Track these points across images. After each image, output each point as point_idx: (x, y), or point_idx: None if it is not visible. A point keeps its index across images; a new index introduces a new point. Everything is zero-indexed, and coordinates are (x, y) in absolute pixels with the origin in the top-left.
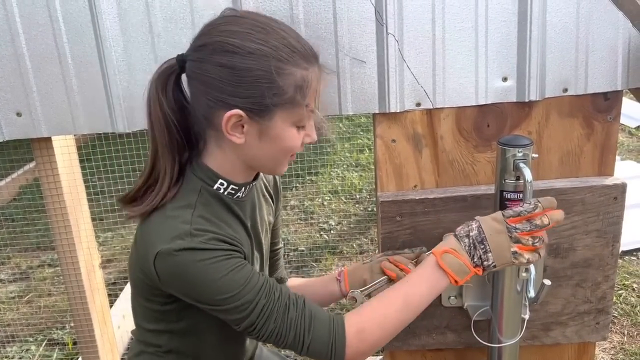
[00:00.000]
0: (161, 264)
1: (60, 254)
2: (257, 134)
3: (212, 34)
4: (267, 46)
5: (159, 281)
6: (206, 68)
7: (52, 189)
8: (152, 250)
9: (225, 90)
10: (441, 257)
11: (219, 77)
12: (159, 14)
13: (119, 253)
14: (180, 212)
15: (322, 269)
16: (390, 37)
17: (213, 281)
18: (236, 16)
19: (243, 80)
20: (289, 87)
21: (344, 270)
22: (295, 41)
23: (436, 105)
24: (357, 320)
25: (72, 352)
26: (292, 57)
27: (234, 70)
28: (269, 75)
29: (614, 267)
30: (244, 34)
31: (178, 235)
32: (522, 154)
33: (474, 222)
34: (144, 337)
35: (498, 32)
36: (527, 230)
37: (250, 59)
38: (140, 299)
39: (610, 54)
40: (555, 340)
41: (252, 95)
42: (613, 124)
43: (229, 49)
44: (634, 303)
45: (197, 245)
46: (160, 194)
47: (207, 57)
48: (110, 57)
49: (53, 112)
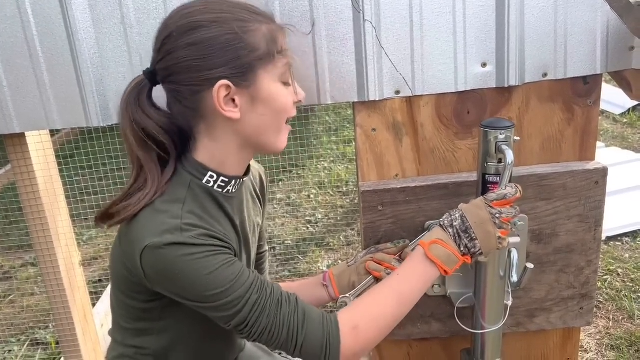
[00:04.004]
0: (148, 259)
1: (39, 253)
2: (249, 102)
3: (169, 26)
4: (225, 12)
5: (145, 277)
6: (177, 56)
7: (27, 186)
8: (139, 244)
9: (202, 67)
10: (429, 248)
11: (191, 57)
12: (130, 5)
13: (104, 250)
14: (169, 207)
15: (308, 262)
16: (367, 24)
17: (202, 277)
18: (184, 4)
19: (215, 50)
20: (260, 41)
21: (329, 273)
22: (249, 5)
23: (415, 92)
24: (350, 318)
25: (55, 352)
26: (251, 16)
27: (203, 43)
28: (237, 36)
29: (597, 252)
30: (199, 9)
31: (167, 230)
32: (504, 136)
33: (457, 212)
34: (122, 337)
35: (476, 18)
36: (512, 215)
37: (214, 27)
38: (121, 296)
39: (589, 38)
40: (540, 326)
41: (229, 60)
42: (593, 108)
43: (190, 27)
44: (619, 288)
45: (186, 240)
46: (148, 196)
47: (174, 45)
48: (82, 49)
49: (25, 108)
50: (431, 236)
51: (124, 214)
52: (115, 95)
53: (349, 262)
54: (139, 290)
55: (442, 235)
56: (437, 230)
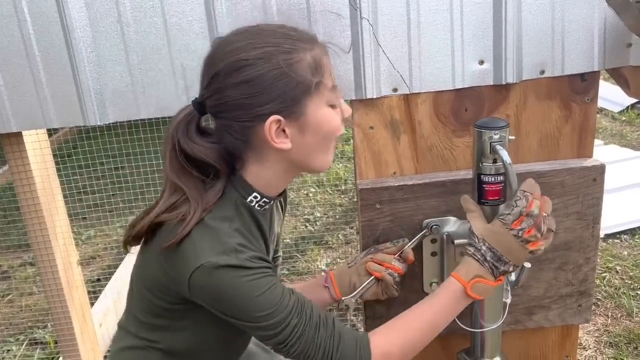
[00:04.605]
0: (201, 277)
1: (37, 252)
2: (299, 131)
3: (216, 64)
4: (269, 44)
5: (189, 291)
6: (226, 94)
7: (24, 185)
8: (193, 262)
9: (252, 105)
10: (472, 287)
11: (241, 95)
12: (127, 3)
13: (102, 250)
14: (219, 224)
15: (307, 261)
16: (364, 22)
17: (253, 298)
18: (227, 39)
19: (263, 87)
20: (306, 72)
21: (330, 275)
22: (292, 30)
23: (413, 90)
24: (383, 343)
25: (54, 352)
26: (294, 45)
27: (251, 81)
28: (283, 70)
29: (594, 249)
30: (243, 46)
31: (223, 251)
32: (498, 136)
33: (481, 243)
34: (136, 329)
35: (473, 14)
36: (530, 225)
37: (260, 64)
38: (146, 293)
39: (587, 35)
40: (539, 324)
41: (277, 95)
42: (591, 105)
43: (237, 66)
44: (617, 285)
45: (241, 263)
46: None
47: (223, 84)
48: (78, 48)
49: (22, 106)
50: (469, 272)
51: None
52: (112, 94)
53: (350, 263)
54: (171, 294)
55: (480, 270)
56: (473, 264)
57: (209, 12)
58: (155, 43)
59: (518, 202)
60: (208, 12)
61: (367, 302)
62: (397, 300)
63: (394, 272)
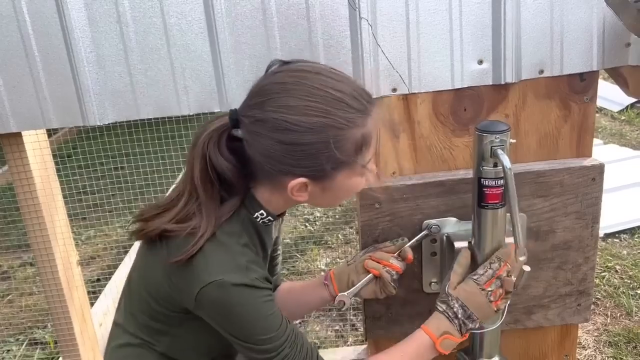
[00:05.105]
0: (211, 293)
1: (36, 252)
2: (321, 191)
3: (266, 107)
4: (325, 116)
5: (194, 304)
6: (265, 143)
7: (24, 185)
8: (203, 277)
9: (286, 163)
10: (440, 344)
11: (279, 152)
12: (126, 3)
13: (102, 250)
14: (229, 240)
15: (307, 260)
16: (363, 22)
17: (260, 319)
18: (290, 83)
19: (304, 155)
20: (350, 150)
21: (330, 273)
22: (351, 96)
23: (412, 90)
24: None
25: (53, 352)
26: (350, 121)
27: (295, 146)
28: (329, 145)
29: (594, 249)
30: (300, 108)
31: (235, 269)
32: (499, 140)
33: (455, 301)
34: (134, 329)
35: (472, 14)
36: (498, 286)
37: (310, 134)
38: (148, 298)
39: (585, 35)
40: (538, 323)
41: (314, 165)
42: (590, 104)
43: (287, 126)
44: (616, 285)
45: (252, 283)
46: (209, 230)
47: (265, 133)
48: (78, 48)
49: (21, 107)
50: (439, 327)
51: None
52: (111, 94)
53: (349, 262)
54: (173, 303)
55: (449, 327)
56: (443, 321)
57: (208, 12)
58: (154, 43)
59: (492, 266)
60: (207, 13)
61: (367, 302)
62: (397, 300)
63: (392, 270)
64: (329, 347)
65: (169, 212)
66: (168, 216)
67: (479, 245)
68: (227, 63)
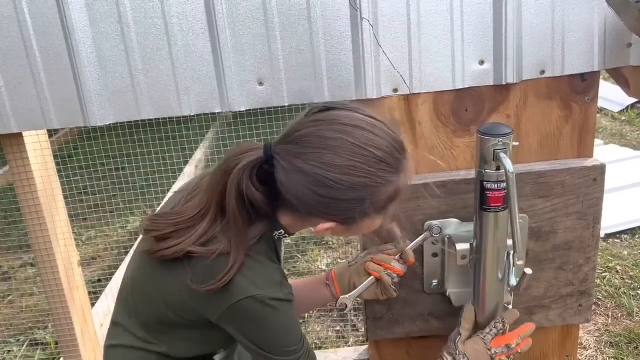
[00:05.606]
0: (246, 307)
1: (37, 253)
2: (345, 230)
3: (309, 160)
4: (367, 176)
5: (217, 317)
6: (302, 191)
7: (25, 186)
8: (237, 293)
9: (320, 210)
10: None
11: (315, 201)
12: (127, 4)
13: (102, 250)
14: (261, 258)
15: (307, 260)
16: (364, 22)
17: (290, 331)
18: (333, 139)
19: (338, 207)
20: (382, 204)
21: (331, 273)
22: (389, 154)
23: (413, 90)
24: None
25: (54, 352)
26: (388, 178)
27: (332, 200)
28: (365, 202)
29: (595, 249)
30: (343, 167)
31: (272, 284)
32: (501, 143)
33: (461, 355)
34: (136, 329)
35: (473, 14)
36: (504, 352)
37: (349, 191)
38: (161, 304)
39: (587, 35)
40: (539, 323)
41: (346, 215)
42: (591, 105)
43: (327, 183)
44: (617, 285)
45: (287, 297)
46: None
47: (304, 183)
48: (79, 49)
49: (22, 107)
50: None
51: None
52: (112, 95)
53: (350, 262)
54: (192, 313)
55: None
56: None
57: (209, 12)
58: (155, 43)
59: (497, 325)
60: (208, 13)
61: (368, 302)
62: (398, 300)
63: (393, 273)
64: (330, 347)
65: (189, 230)
66: (191, 236)
67: (480, 247)
68: (228, 63)
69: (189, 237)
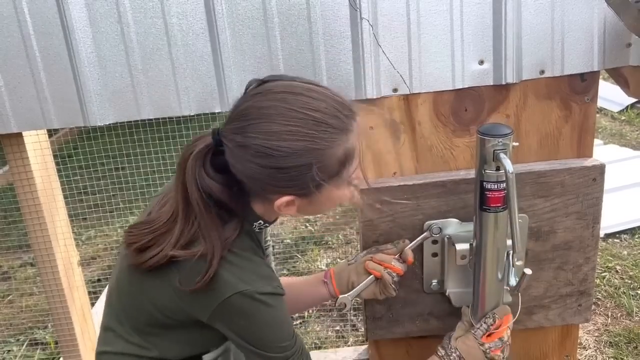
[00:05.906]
0: (234, 303)
1: (37, 253)
2: (308, 204)
3: (248, 133)
4: (306, 140)
5: (208, 317)
6: (249, 167)
7: (25, 186)
8: (224, 290)
9: (271, 184)
10: None
11: (263, 175)
12: (127, 3)
13: (102, 250)
14: (246, 254)
15: (307, 261)
16: (364, 22)
17: (280, 327)
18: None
19: (288, 177)
20: (333, 168)
21: (330, 271)
22: (331, 115)
23: (413, 90)
24: None
25: (54, 352)
26: (332, 139)
27: (277, 170)
28: (312, 167)
29: (594, 249)
30: (281, 133)
31: (260, 278)
32: (502, 143)
33: (454, 351)
34: (128, 334)
35: (473, 14)
36: (498, 347)
37: (292, 158)
38: (151, 308)
39: (586, 35)
40: (539, 323)
41: (298, 185)
42: (590, 105)
43: (269, 152)
44: (617, 285)
45: (276, 290)
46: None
47: (248, 158)
48: (79, 48)
49: (22, 107)
50: None
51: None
52: (112, 95)
53: (350, 261)
54: (182, 314)
55: None
56: None
57: (209, 12)
58: (155, 43)
59: (487, 321)
60: (208, 13)
61: (367, 302)
62: (398, 300)
63: (393, 272)
64: (330, 347)
65: (165, 236)
66: (169, 241)
67: (480, 247)
68: (227, 63)
69: (168, 242)
